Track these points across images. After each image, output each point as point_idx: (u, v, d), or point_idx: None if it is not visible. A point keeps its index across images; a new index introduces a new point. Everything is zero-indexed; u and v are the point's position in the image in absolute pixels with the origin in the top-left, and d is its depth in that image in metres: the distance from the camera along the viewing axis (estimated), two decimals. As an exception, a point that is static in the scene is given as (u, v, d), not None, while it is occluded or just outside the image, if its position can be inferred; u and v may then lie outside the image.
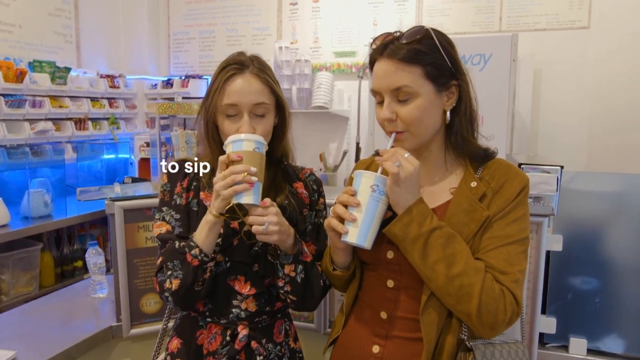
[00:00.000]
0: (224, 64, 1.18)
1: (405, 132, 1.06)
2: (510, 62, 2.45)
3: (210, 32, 4.22)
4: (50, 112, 3.42)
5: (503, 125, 2.51)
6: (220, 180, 1.06)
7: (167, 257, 1.16)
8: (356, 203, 1.02)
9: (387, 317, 1.11)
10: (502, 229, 1.04)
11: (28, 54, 3.49)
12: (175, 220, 1.22)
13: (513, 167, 1.12)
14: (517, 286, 1.01)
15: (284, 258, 1.17)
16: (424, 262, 1.01)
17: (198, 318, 1.25)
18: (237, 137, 1.09)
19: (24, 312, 1.94)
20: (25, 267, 3.02)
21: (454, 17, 3.46)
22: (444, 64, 1.06)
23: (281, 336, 1.29)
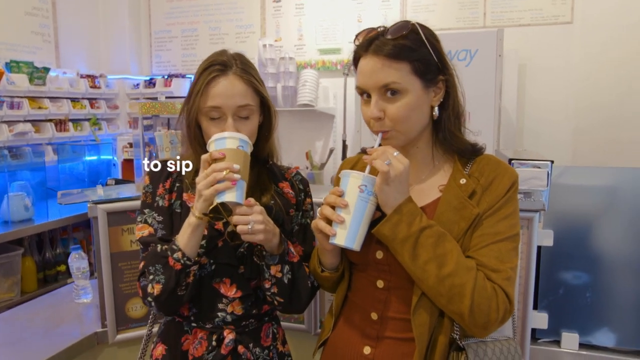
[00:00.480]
0: (206, 64, 1.14)
1: (392, 130, 1.04)
2: (496, 58, 2.46)
3: (193, 30, 4.16)
4: (29, 114, 3.34)
5: (490, 120, 2.51)
6: (202, 179, 1.03)
7: (148, 261, 1.12)
8: (344, 204, 1.00)
9: (378, 317, 1.09)
10: (492, 226, 1.02)
11: (5, 54, 3.40)
12: (157, 223, 1.19)
13: (502, 163, 1.10)
14: (509, 284, 0.99)
15: (270, 259, 1.14)
16: (414, 262, 0.99)
17: (183, 323, 1.22)
18: (221, 135, 1.07)
19: (5, 320, 1.88)
20: (5, 273, 2.94)
21: (439, 13, 3.45)
22: (431, 59, 1.03)
23: (269, 340, 1.27)
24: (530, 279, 1.55)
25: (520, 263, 1.56)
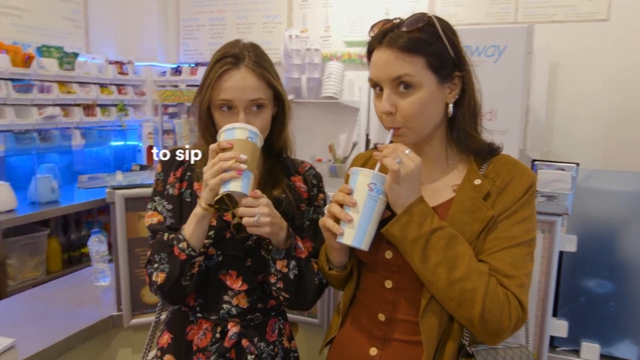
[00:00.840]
0: (219, 55, 1.12)
1: (404, 127, 1.01)
2: (525, 54, 2.38)
3: (221, 19, 4.17)
4: (58, 98, 3.40)
5: (517, 119, 2.44)
6: (209, 168, 1.02)
7: (154, 250, 1.13)
8: (352, 203, 0.96)
9: (386, 319, 1.06)
10: (507, 229, 0.98)
11: (37, 39, 3.47)
12: (167, 211, 1.19)
13: (519, 164, 1.05)
14: (522, 291, 0.96)
15: (276, 253, 1.12)
16: (424, 264, 0.95)
17: (188, 313, 1.22)
18: (231, 126, 1.06)
19: (27, 299, 1.92)
20: (32, 252, 3.02)
21: (468, 7, 3.37)
22: (447, 54, 0.99)
23: (274, 335, 1.25)
24: (550, 285, 1.50)
25: (540, 268, 1.51)
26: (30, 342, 1.55)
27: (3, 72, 3.05)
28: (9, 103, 3.11)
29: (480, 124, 1.08)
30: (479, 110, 1.07)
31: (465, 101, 1.03)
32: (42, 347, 1.53)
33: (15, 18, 3.36)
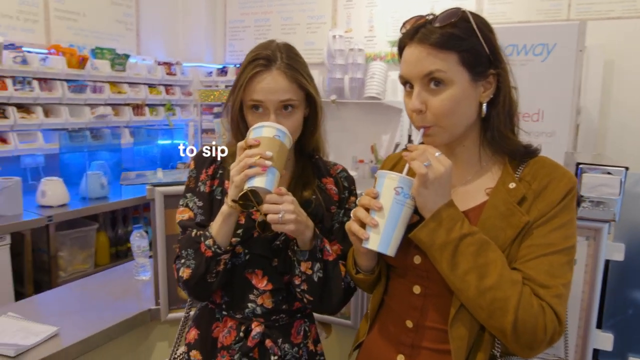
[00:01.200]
0: (252, 56, 1.12)
1: (435, 126, 0.97)
2: (576, 53, 2.26)
3: (266, 20, 4.22)
4: (109, 98, 3.55)
5: (566, 121, 2.33)
6: (235, 165, 1.03)
7: (183, 245, 1.14)
8: (378, 207, 0.93)
9: (414, 325, 1.03)
10: (544, 236, 0.93)
11: (91, 41, 3.63)
12: (197, 208, 1.20)
13: (559, 166, 0.99)
14: (559, 302, 0.90)
15: (300, 254, 1.11)
16: (453, 271, 0.91)
17: (215, 310, 1.23)
18: (260, 124, 1.07)
19: (72, 290, 2.01)
20: (82, 246, 3.16)
21: (518, 5, 3.25)
22: (482, 51, 0.95)
23: (299, 337, 1.23)
24: (595, 295, 1.42)
25: (583, 277, 1.44)
26: (73, 331, 1.61)
27: (59, 73, 3.21)
28: (64, 102, 3.28)
29: (517, 125, 1.03)
30: (516, 110, 1.02)
31: (500, 100, 0.98)
32: (83, 337, 1.59)
33: (72, 22, 3.53)
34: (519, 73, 2.36)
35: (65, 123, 3.28)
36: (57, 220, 2.92)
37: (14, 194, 2.80)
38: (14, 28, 3.23)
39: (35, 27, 3.34)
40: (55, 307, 1.82)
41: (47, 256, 2.95)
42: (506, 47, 2.34)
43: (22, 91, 3.03)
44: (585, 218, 1.39)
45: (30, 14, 3.31)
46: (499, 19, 3.26)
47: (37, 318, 1.64)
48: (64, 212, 2.98)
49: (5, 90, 2.93)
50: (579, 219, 1.40)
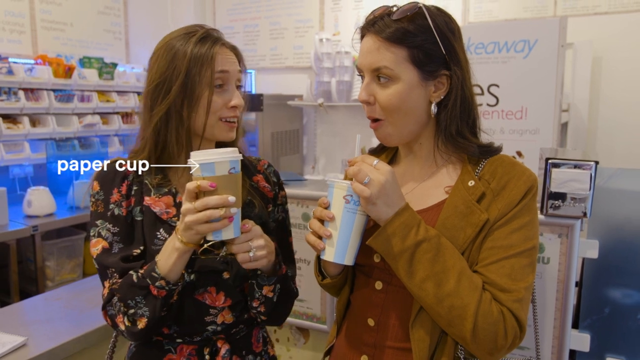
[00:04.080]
0: (200, 35, 1.03)
1: (384, 121, 0.96)
2: (558, 48, 2.23)
3: (254, 25, 4.21)
4: (97, 107, 3.55)
5: (549, 118, 2.29)
6: (192, 213, 0.88)
7: (124, 294, 0.96)
8: (329, 217, 0.91)
9: (375, 324, 1.00)
10: (505, 237, 0.91)
11: (79, 51, 3.64)
12: (112, 235, 1.02)
13: (518, 164, 0.97)
14: (520, 306, 0.88)
15: (265, 280, 1.03)
16: (410, 279, 0.89)
17: (163, 342, 1.07)
18: (206, 159, 0.88)
19: (46, 300, 1.98)
20: (70, 255, 3.15)
21: (504, 2, 3.22)
22: (435, 50, 0.93)
23: (260, 345, 1.18)
24: (569, 294, 1.38)
25: (557, 275, 1.39)
26: (42, 341, 1.58)
27: (46, 83, 3.21)
28: (51, 112, 3.28)
29: (478, 126, 1.01)
30: (473, 111, 1.00)
31: (450, 102, 0.95)
32: (51, 347, 1.56)
33: (59, 32, 3.55)
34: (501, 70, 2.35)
35: (53, 132, 3.28)
36: (42, 229, 2.91)
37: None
38: (0, 40, 3.24)
39: (21, 37, 3.35)
40: (26, 317, 1.79)
41: (34, 266, 2.94)
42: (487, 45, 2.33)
43: (8, 101, 3.03)
44: (556, 215, 1.35)
45: (16, 24, 3.32)
46: (485, 17, 3.23)
47: (6, 328, 1.62)
48: (50, 222, 2.97)
49: (-9, 101, 2.94)
50: (549, 215, 1.36)
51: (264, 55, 4.19)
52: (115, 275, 1.00)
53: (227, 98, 1.04)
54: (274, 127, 3.61)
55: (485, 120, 2.40)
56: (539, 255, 1.39)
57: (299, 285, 1.84)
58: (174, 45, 1.03)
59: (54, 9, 3.50)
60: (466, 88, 0.97)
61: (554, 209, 1.34)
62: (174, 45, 1.03)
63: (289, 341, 1.95)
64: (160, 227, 1.03)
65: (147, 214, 1.04)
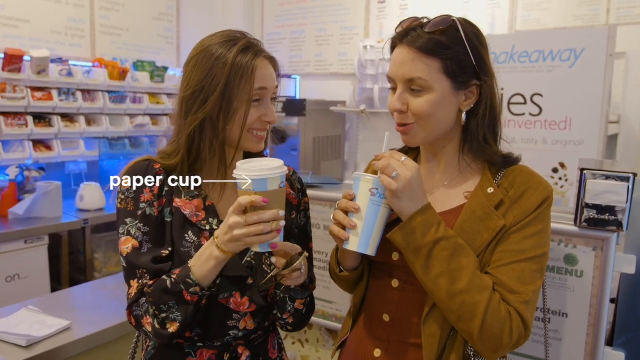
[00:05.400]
0: (242, 45, 1.02)
1: (414, 124, 0.99)
2: (606, 58, 2.16)
3: (301, 32, 4.29)
4: (148, 108, 3.71)
5: (595, 130, 2.22)
6: (241, 227, 0.89)
7: (158, 299, 0.96)
8: (355, 208, 0.96)
9: (390, 319, 1.05)
10: (517, 242, 0.95)
11: (133, 55, 3.83)
12: (142, 235, 1.01)
13: (536, 175, 1.02)
14: (527, 308, 0.93)
15: (299, 294, 1.05)
16: (426, 274, 0.94)
17: (184, 345, 1.07)
18: (261, 175, 0.89)
19: (91, 288, 2.11)
20: (116, 248, 3.28)
21: (553, 11, 3.14)
22: (467, 61, 0.97)
23: (275, 352, 1.18)
24: (603, 310, 1.34)
25: (591, 290, 1.36)
26: (85, 326, 1.68)
27: (101, 84, 3.40)
28: (105, 112, 3.46)
29: (500, 135, 1.06)
30: (498, 120, 1.04)
31: (480, 111, 1.01)
32: (93, 331, 1.66)
33: (115, 37, 3.74)
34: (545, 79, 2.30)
35: (106, 132, 3.46)
36: (92, 223, 3.07)
37: (54, 197, 2.97)
38: (63, 43, 3.46)
39: (81, 42, 3.56)
40: (73, 303, 1.91)
41: (84, 257, 3.10)
42: (532, 53, 2.29)
43: (67, 102, 3.23)
44: (590, 227, 1.32)
45: (77, 30, 3.53)
46: (533, 26, 3.16)
47: (53, 312, 1.73)
48: (100, 216, 3.13)
49: (51, 101, 3.14)
50: (583, 228, 1.33)
51: (309, 61, 4.25)
52: (146, 276, 0.99)
53: (262, 112, 1.04)
54: (316, 132, 3.66)
55: (528, 130, 2.35)
56: (571, 268, 1.36)
57: (328, 287, 1.87)
58: (214, 52, 1.02)
59: (113, 15, 3.70)
60: (494, 98, 1.02)
61: (589, 221, 1.31)
62: (213, 53, 1.02)
63: (318, 342, 1.98)
64: (189, 230, 1.04)
65: (176, 216, 1.04)
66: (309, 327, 2.00)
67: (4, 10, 3.15)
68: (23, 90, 3.00)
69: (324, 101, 3.81)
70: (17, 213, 2.91)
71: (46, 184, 2.98)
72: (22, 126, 3.02)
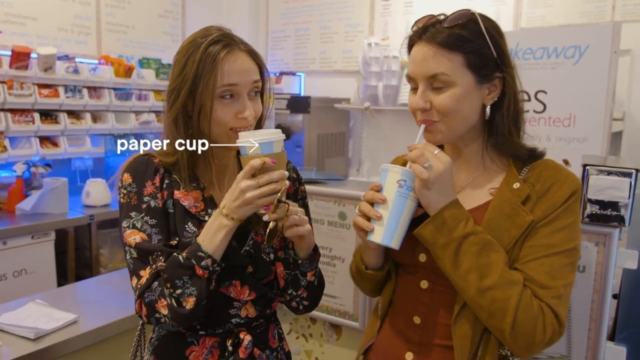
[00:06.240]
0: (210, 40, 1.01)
1: (439, 122, 0.97)
2: (610, 55, 2.16)
3: (305, 29, 4.30)
4: (154, 105, 3.73)
5: (599, 127, 2.22)
6: (253, 189, 0.94)
7: (172, 274, 0.97)
8: (381, 199, 0.95)
9: (421, 322, 1.02)
10: (546, 237, 0.93)
11: (139, 52, 3.85)
12: (150, 227, 1.03)
13: (562, 168, 1.00)
14: (559, 302, 0.91)
15: (307, 266, 1.08)
16: (455, 270, 0.92)
17: (186, 334, 1.09)
18: (267, 138, 0.96)
19: (98, 283, 2.13)
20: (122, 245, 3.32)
21: (558, 8, 3.13)
22: (489, 54, 0.96)
23: (276, 341, 1.20)
24: (605, 305, 1.34)
25: (593, 285, 1.36)
26: (91, 319, 1.70)
27: (107, 82, 3.42)
28: (111, 109, 3.48)
29: (522, 129, 1.04)
30: (521, 114, 1.03)
31: (505, 104, 0.99)
32: (99, 325, 1.68)
33: (121, 34, 3.76)
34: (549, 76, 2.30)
35: (112, 128, 3.48)
36: (98, 219, 3.09)
37: (60, 193, 3.00)
38: (69, 40, 3.48)
39: (87, 39, 3.58)
40: (78, 297, 1.93)
41: (89, 253, 3.13)
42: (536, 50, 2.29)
43: (73, 98, 3.25)
44: (592, 223, 1.32)
45: (83, 27, 3.55)
46: (538, 23, 3.16)
47: (60, 306, 1.75)
48: (105, 212, 3.16)
49: (58, 98, 3.16)
50: (586, 223, 1.34)
51: (314, 58, 4.26)
52: (161, 258, 1.00)
53: (238, 109, 1.02)
54: (320, 129, 3.67)
55: (532, 127, 2.34)
56: (573, 263, 1.36)
57: (332, 282, 1.88)
58: (188, 49, 1.03)
59: (118, 12, 3.72)
60: (517, 90, 1.00)
61: (591, 216, 1.31)
62: (188, 50, 1.03)
63: (321, 337, 2.00)
64: (188, 221, 1.06)
65: (177, 207, 1.06)
66: (312, 321, 2.02)
67: (12, 8, 3.18)
68: (30, 87, 3.02)
69: (328, 98, 3.82)
70: (24, 209, 2.93)
71: (52, 180, 3.01)
72: (29, 123, 3.05)
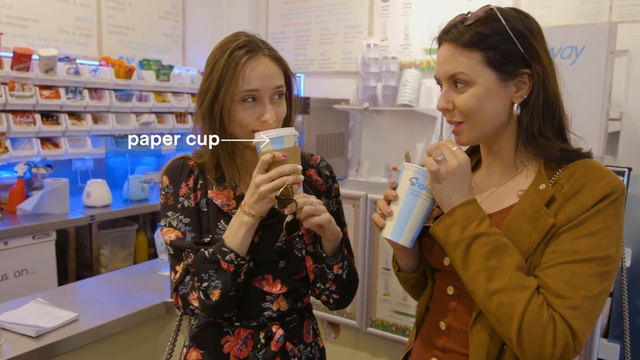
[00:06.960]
0: (234, 46, 1.07)
1: (464, 122, 0.96)
2: (607, 55, 2.17)
3: (305, 30, 4.32)
4: (154, 106, 3.75)
5: (595, 127, 2.23)
6: (266, 182, 0.99)
7: (198, 268, 1.05)
8: (393, 196, 0.95)
9: (446, 328, 1.01)
10: (570, 242, 0.86)
11: (139, 54, 3.87)
12: (184, 225, 1.11)
13: (600, 168, 0.91)
14: (576, 315, 0.82)
15: (333, 259, 1.11)
16: (464, 271, 0.90)
17: (222, 324, 1.15)
18: (277, 134, 1.01)
19: (98, 282, 2.15)
20: (122, 245, 3.35)
21: (556, 9, 3.15)
22: (513, 49, 0.92)
23: (310, 336, 1.22)
24: (599, 302, 1.36)
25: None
26: (92, 318, 1.72)
27: (108, 83, 3.44)
28: (111, 110, 3.50)
29: (565, 127, 0.97)
30: (559, 112, 0.96)
31: (531, 100, 0.93)
32: (99, 323, 1.70)
33: (122, 36, 3.78)
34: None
35: (112, 129, 3.50)
36: (99, 219, 3.12)
37: (61, 194, 3.02)
38: (70, 42, 3.51)
39: (88, 41, 3.61)
40: (80, 296, 1.95)
41: (90, 253, 3.15)
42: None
43: (74, 100, 3.27)
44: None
45: (84, 29, 3.58)
46: (536, 24, 3.17)
47: (61, 304, 1.77)
48: (106, 212, 3.18)
49: (59, 99, 3.18)
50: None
51: (313, 59, 4.28)
52: (191, 255, 1.08)
53: (260, 112, 1.08)
54: (319, 129, 3.69)
55: (529, 127, 2.37)
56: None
57: (331, 281, 1.90)
58: (217, 54, 1.10)
59: (119, 14, 3.75)
60: (549, 86, 0.94)
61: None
62: (217, 54, 1.10)
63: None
64: (221, 219, 1.12)
65: (210, 206, 1.13)
66: (311, 320, 2.03)
67: (13, 10, 3.20)
68: (31, 88, 3.05)
69: (328, 99, 3.84)
70: (25, 209, 2.96)
71: (53, 181, 3.03)
72: (30, 124, 3.07)
